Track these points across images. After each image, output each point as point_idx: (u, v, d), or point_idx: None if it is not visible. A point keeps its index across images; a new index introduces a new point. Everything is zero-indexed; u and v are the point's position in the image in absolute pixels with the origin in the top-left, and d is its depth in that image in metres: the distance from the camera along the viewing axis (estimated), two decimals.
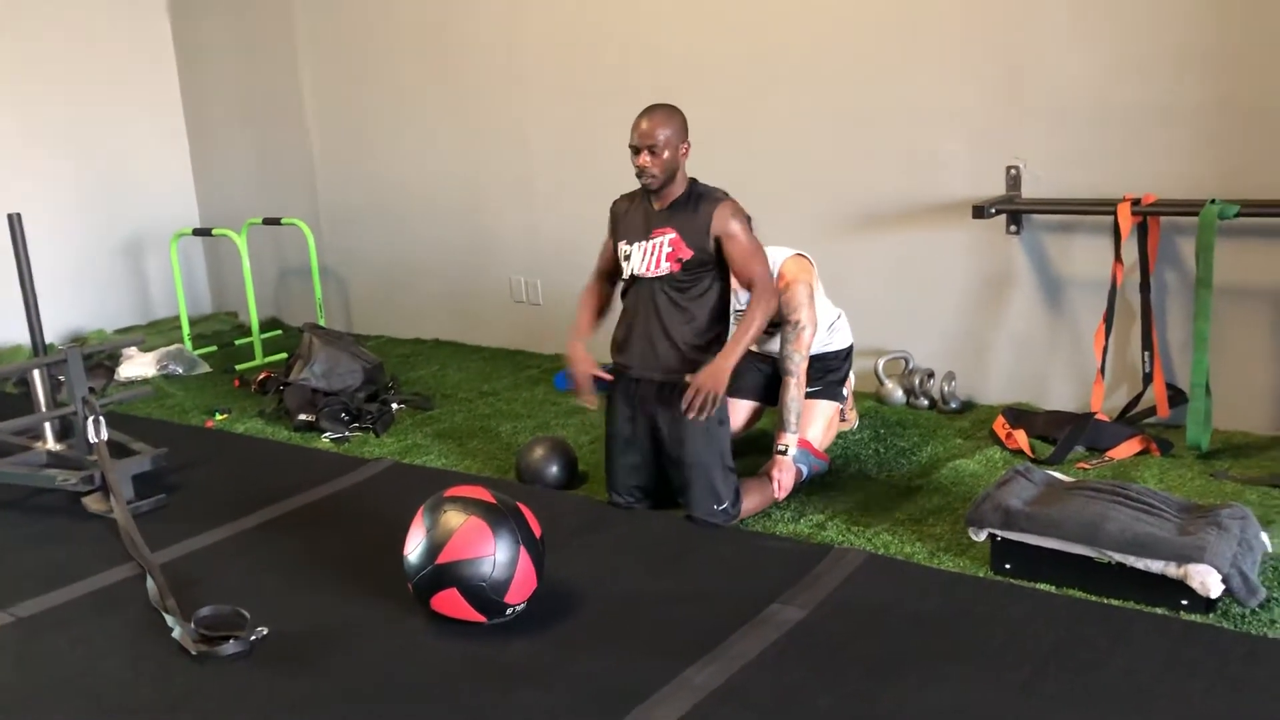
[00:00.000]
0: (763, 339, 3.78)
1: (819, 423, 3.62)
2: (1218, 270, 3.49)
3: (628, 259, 3.31)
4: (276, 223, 5.88)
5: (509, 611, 2.68)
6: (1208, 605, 2.58)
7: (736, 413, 3.63)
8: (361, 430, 4.37)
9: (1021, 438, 3.72)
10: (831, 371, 3.72)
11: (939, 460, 3.68)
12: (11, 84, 5.85)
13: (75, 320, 6.14)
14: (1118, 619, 2.57)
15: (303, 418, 4.40)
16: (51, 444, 4.03)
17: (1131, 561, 2.64)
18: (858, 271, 4.31)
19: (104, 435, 3.65)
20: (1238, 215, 3.46)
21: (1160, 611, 2.60)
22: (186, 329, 5.89)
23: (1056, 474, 3.15)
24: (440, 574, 2.63)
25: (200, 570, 3.15)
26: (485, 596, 2.63)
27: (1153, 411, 3.80)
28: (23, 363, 4.42)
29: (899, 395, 4.25)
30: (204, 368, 5.52)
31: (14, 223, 3.98)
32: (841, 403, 3.77)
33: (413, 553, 2.68)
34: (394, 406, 4.60)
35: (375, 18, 5.62)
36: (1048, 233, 4.02)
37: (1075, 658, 2.42)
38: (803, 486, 3.48)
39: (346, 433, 4.33)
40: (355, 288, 6.14)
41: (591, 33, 4.90)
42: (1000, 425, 3.84)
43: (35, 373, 3.95)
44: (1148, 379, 3.80)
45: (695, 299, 3.26)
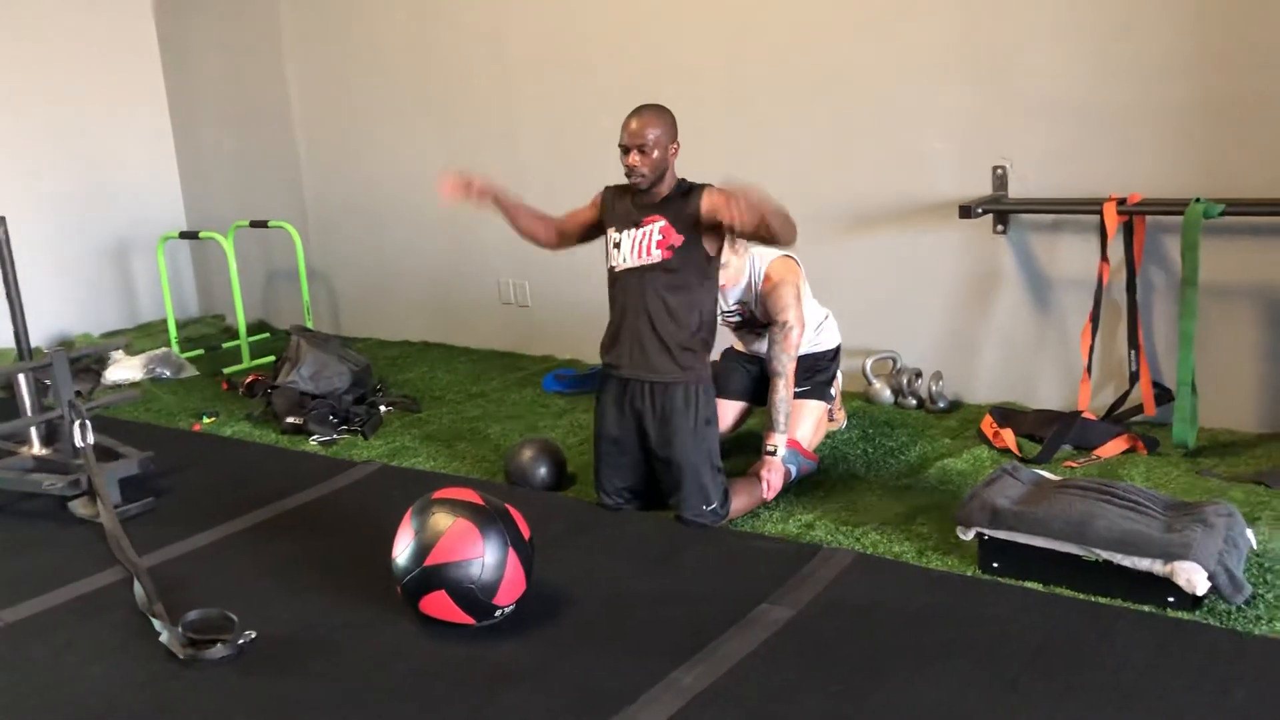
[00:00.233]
0: (750, 339, 3.79)
1: (807, 423, 3.62)
2: (1203, 269, 3.50)
3: (617, 246, 3.30)
4: (263, 225, 5.86)
5: (498, 613, 2.67)
6: (1194, 602, 2.59)
7: (725, 413, 3.64)
8: (349, 433, 4.36)
9: (1009, 437, 3.74)
10: (819, 371, 3.72)
11: (927, 460, 3.69)
12: None
13: (62, 324, 6.12)
14: (1105, 616, 2.58)
15: (290, 420, 4.39)
16: (38, 448, 4.01)
17: (1119, 559, 2.65)
18: (845, 271, 4.31)
19: (90, 439, 3.64)
20: (1222, 214, 3.47)
21: (1147, 609, 2.61)
22: (174, 332, 5.88)
23: (1044, 473, 3.15)
24: (429, 576, 2.62)
25: (188, 574, 3.14)
26: (474, 598, 2.62)
27: (1139, 410, 3.81)
28: (8, 366, 4.39)
29: (887, 395, 4.26)
30: (191, 371, 5.50)
31: None
32: (830, 403, 3.78)
33: (401, 555, 2.68)
34: (382, 409, 4.59)
35: (361, 19, 5.62)
36: (1034, 232, 4.03)
37: (1063, 655, 2.42)
38: (791, 486, 3.48)
39: (334, 435, 4.32)
40: (343, 290, 6.13)
41: (579, 35, 4.90)
42: (988, 424, 3.85)
43: (21, 377, 3.93)
44: (1134, 377, 3.81)
45: (684, 296, 3.25)
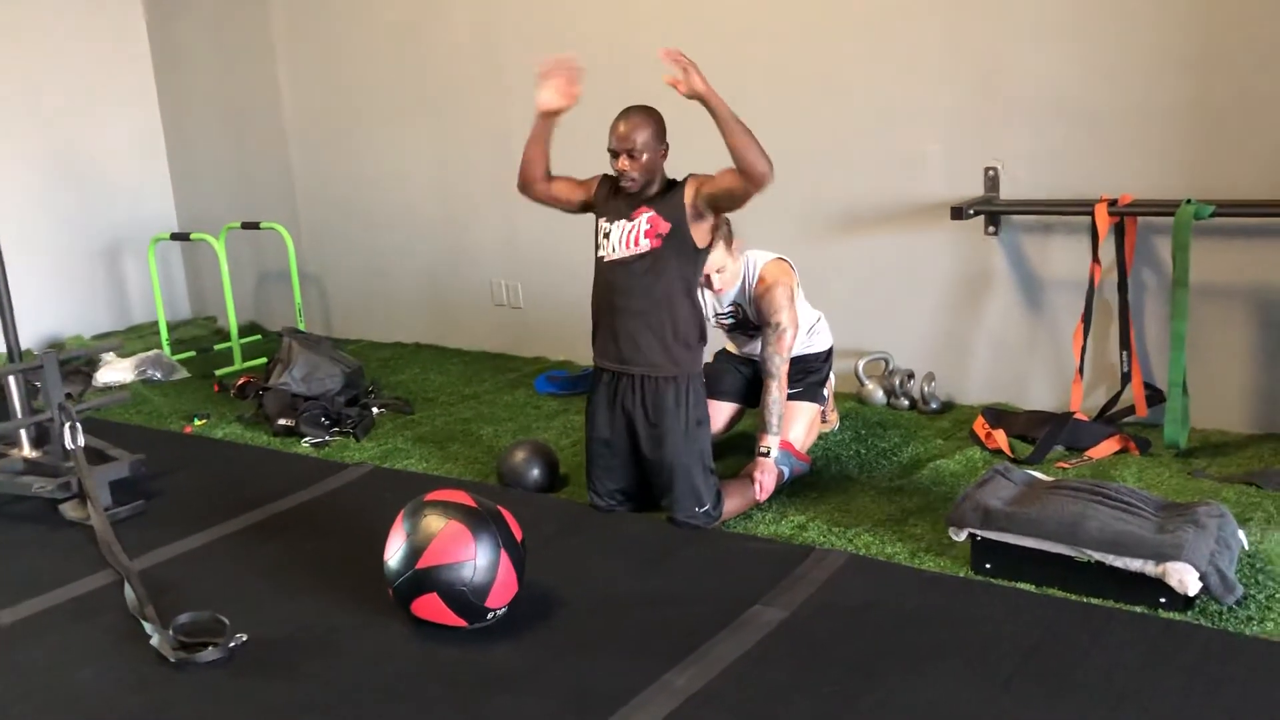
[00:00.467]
0: (743, 341, 3.79)
1: (800, 424, 3.62)
2: (1194, 270, 3.51)
3: (606, 237, 3.30)
4: (255, 227, 5.84)
5: (490, 616, 2.67)
6: (1186, 603, 2.59)
7: (717, 415, 3.64)
8: (341, 435, 4.35)
9: (1001, 438, 3.74)
10: (812, 373, 3.72)
11: (920, 461, 3.69)
12: None
13: (53, 326, 6.10)
14: (1097, 617, 2.59)
15: (282, 422, 4.38)
16: (28, 451, 3.99)
17: (1110, 560, 2.65)
18: (837, 273, 4.32)
19: (81, 441, 3.63)
20: (1213, 215, 3.48)
21: (1139, 610, 2.61)
22: (165, 334, 5.86)
23: (1036, 473, 3.16)
24: (421, 579, 2.62)
25: (179, 577, 3.13)
26: (466, 601, 2.62)
27: (1131, 411, 3.82)
28: None
29: (879, 396, 4.26)
30: (182, 373, 5.48)
31: None
32: (823, 404, 3.78)
33: (393, 557, 2.67)
34: (374, 411, 4.58)
35: (354, 21, 5.61)
36: (1026, 233, 4.04)
37: (1055, 656, 2.43)
38: (784, 488, 3.48)
39: (326, 437, 4.31)
40: (335, 292, 6.12)
41: (570, 35, 4.90)
42: (980, 425, 3.85)
43: (11, 379, 3.92)
44: (1126, 378, 3.82)
45: (672, 285, 3.24)
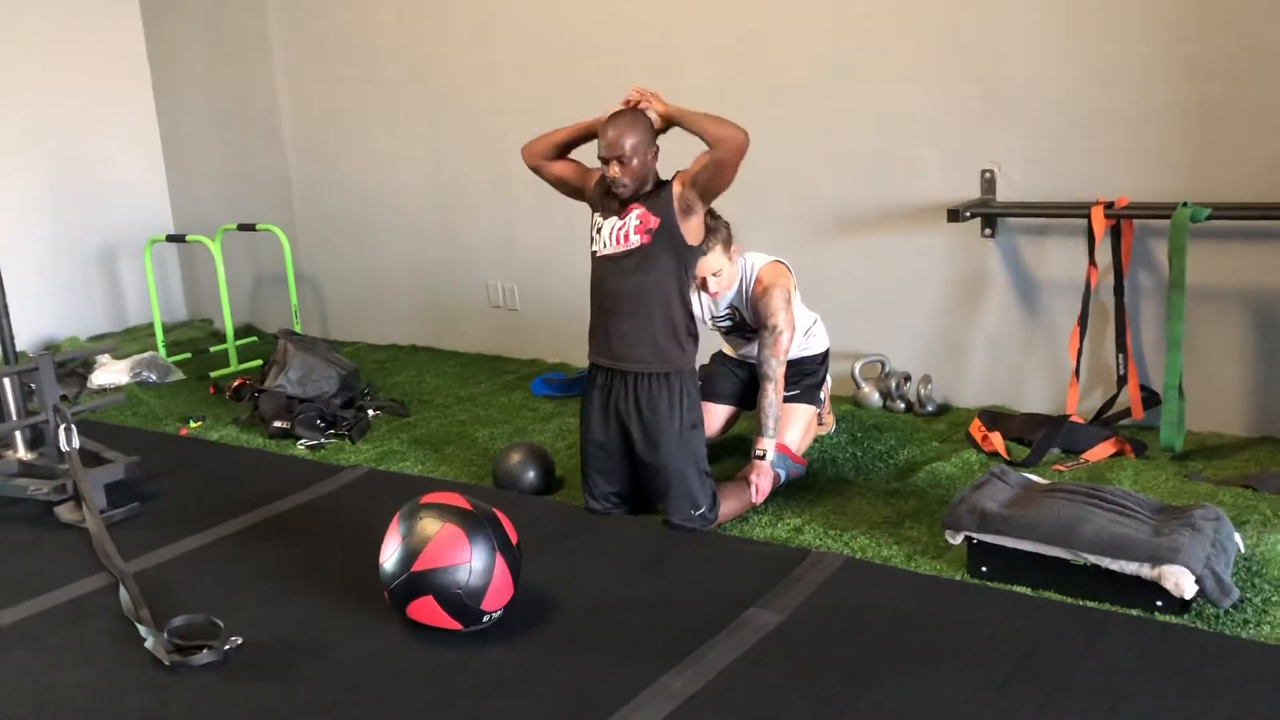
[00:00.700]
0: (740, 343, 3.79)
1: (796, 427, 3.62)
2: (1190, 272, 3.51)
3: (599, 232, 3.31)
4: (251, 229, 5.83)
5: (485, 619, 2.66)
6: (1182, 606, 2.59)
7: (713, 417, 3.64)
8: (337, 437, 4.34)
9: (997, 440, 3.74)
10: (809, 375, 3.72)
11: (916, 463, 3.69)
12: None
13: (48, 327, 6.09)
14: (1093, 620, 2.58)
15: (278, 425, 4.38)
16: (23, 453, 3.98)
17: (1106, 563, 2.65)
18: (834, 275, 4.32)
19: (75, 444, 3.62)
20: (1209, 218, 3.48)
21: (1135, 613, 2.61)
22: (161, 336, 5.85)
23: (1032, 476, 3.16)
24: (416, 581, 2.61)
25: (174, 579, 3.12)
26: (461, 604, 2.61)
27: (1127, 413, 3.82)
28: None
29: (876, 399, 4.26)
30: (178, 375, 5.47)
31: None
32: (819, 406, 3.78)
33: (388, 560, 2.67)
34: (370, 413, 4.58)
35: (351, 23, 5.60)
36: (1022, 236, 4.04)
37: (1051, 659, 2.43)
38: (780, 491, 3.48)
39: (322, 439, 4.30)
40: (331, 294, 6.11)
41: (569, 40, 4.90)
42: (976, 428, 3.85)
43: (6, 380, 3.91)
44: (1122, 381, 3.82)
45: (662, 281, 3.23)
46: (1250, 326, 3.68)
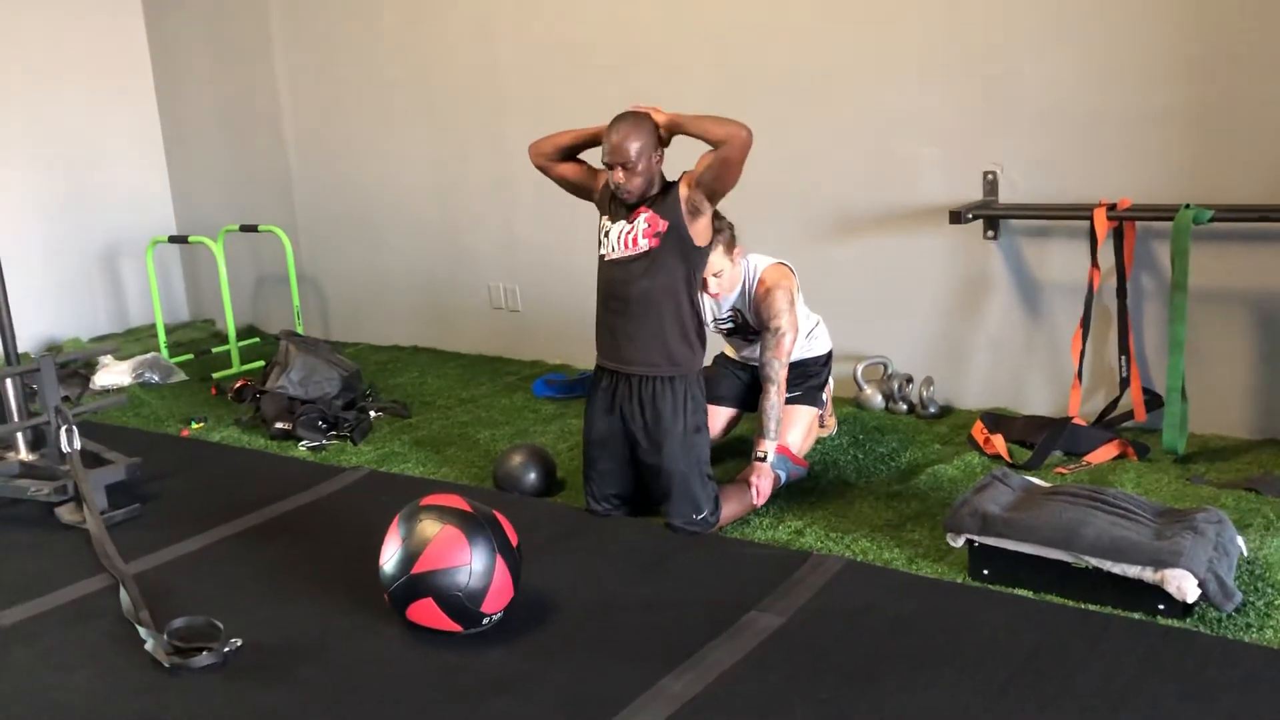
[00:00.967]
0: (742, 345, 3.78)
1: (798, 428, 3.62)
2: (1193, 274, 3.50)
3: (606, 235, 3.30)
4: (254, 230, 5.84)
5: (485, 621, 2.66)
6: (1184, 610, 2.58)
7: (715, 419, 3.63)
8: (338, 438, 4.34)
9: (999, 443, 3.73)
10: (811, 377, 3.72)
11: (918, 466, 3.68)
12: None
13: (50, 328, 6.10)
14: (1095, 624, 2.58)
15: (279, 426, 4.37)
16: (24, 454, 3.98)
17: (1108, 566, 2.64)
18: (836, 277, 4.31)
19: (77, 445, 3.62)
20: (1212, 220, 3.47)
21: (1137, 616, 2.61)
22: (163, 337, 5.85)
23: (1034, 479, 3.15)
24: (416, 583, 2.61)
25: (174, 581, 3.12)
26: (461, 606, 2.61)
27: (1130, 416, 3.81)
28: None
29: (878, 401, 4.26)
30: (180, 376, 5.47)
31: None
32: (821, 408, 3.77)
33: (388, 562, 2.66)
34: (371, 414, 4.58)
35: (353, 24, 5.60)
36: (1025, 238, 4.03)
37: (1053, 662, 2.42)
38: (781, 493, 3.47)
39: (323, 441, 4.30)
40: (333, 295, 6.11)
41: (569, 40, 4.90)
42: (978, 430, 3.84)
43: (7, 382, 3.91)
44: (1124, 383, 3.81)
45: (670, 284, 3.23)
46: (1253, 328, 3.67)
